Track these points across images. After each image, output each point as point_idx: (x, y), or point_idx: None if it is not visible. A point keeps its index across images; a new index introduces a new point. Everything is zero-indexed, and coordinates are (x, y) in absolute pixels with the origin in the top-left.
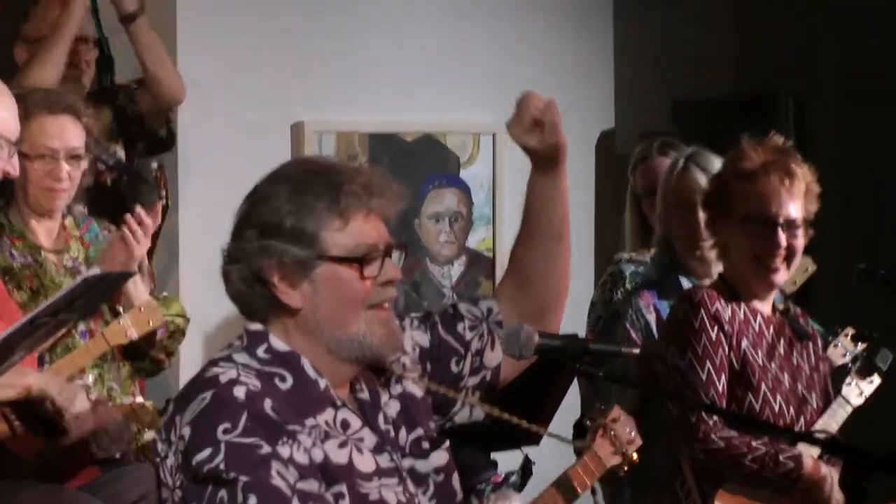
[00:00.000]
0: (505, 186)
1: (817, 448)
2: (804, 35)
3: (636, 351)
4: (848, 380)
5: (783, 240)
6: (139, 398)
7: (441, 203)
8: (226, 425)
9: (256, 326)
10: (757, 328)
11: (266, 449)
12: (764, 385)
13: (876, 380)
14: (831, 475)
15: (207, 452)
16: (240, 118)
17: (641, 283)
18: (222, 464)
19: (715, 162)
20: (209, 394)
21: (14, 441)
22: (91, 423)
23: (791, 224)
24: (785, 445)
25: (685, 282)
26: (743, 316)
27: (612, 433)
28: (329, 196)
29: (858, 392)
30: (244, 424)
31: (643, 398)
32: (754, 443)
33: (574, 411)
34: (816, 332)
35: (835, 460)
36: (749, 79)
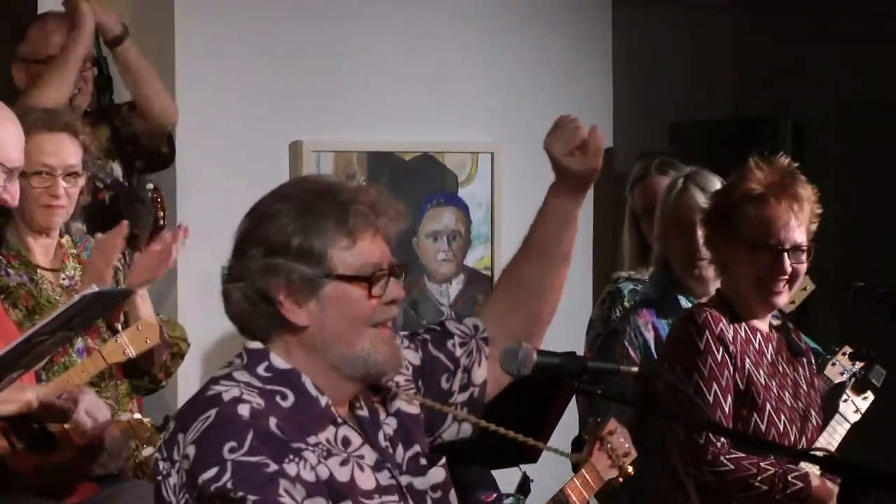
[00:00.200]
0: (503, 205)
1: (817, 466)
2: (802, 57)
3: (634, 369)
4: (844, 396)
5: (788, 267)
6: (137, 415)
7: (439, 221)
8: (232, 444)
9: (256, 345)
10: (757, 346)
11: (273, 467)
12: (769, 405)
13: (870, 396)
14: (835, 493)
15: (213, 471)
16: (238, 137)
17: (640, 302)
18: (229, 483)
19: (714, 182)
20: (213, 412)
21: (13, 457)
22: (106, 414)
23: (797, 249)
24: (791, 465)
25: (683, 301)
26: (744, 335)
27: (609, 446)
28: (337, 215)
29: (854, 409)
30: (250, 443)
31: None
32: (763, 463)
33: (572, 429)
34: (809, 347)
35: (833, 478)
36: (747, 100)
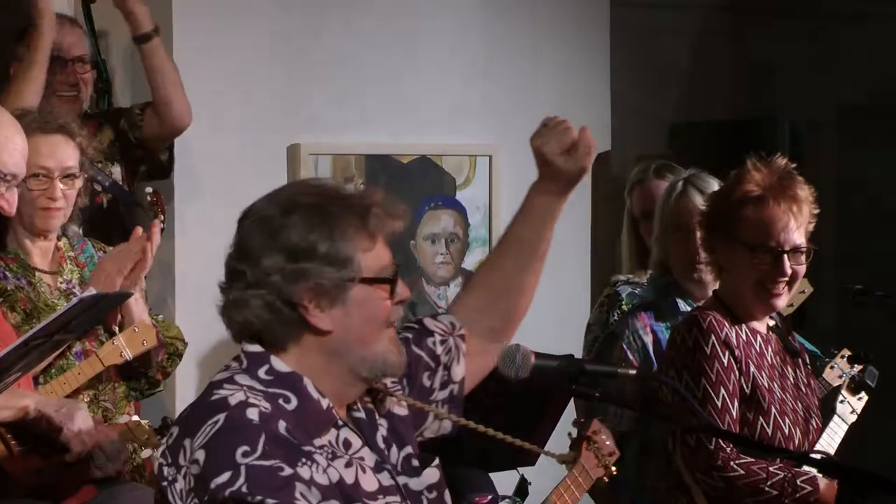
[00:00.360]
0: (501, 208)
1: (815, 469)
2: (800, 59)
3: (632, 372)
4: (840, 397)
5: (788, 268)
6: (135, 417)
7: (437, 224)
8: (244, 448)
9: (255, 348)
10: (758, 349)
11: (288, 471)
12: (774, 408)
13: (864, 396)
14: None
15: (226, 476)
16: (236, 141)
17: (638, 305)
18: (244, 487)
19: (714, 184)
20: (222, 416)
21: (11, 461)
22: (95, 438)
23: (796, 250)
24: (799, 468)
25: (682, 304)
26: (745, 338)
27: (595, 445)
28: (358, 218)
29: (851, 409)
30: (263, 447)
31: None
32: (772, 468)
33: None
34: (804, 348)
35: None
36: (745, 103)
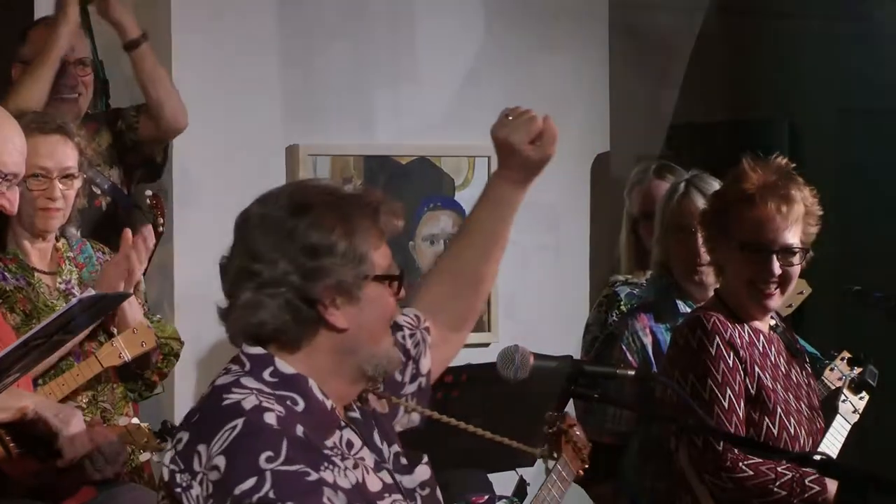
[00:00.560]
0: None
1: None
2: (799, 59)
3: (631, 372)
4: (842, 397)
5: (777, 268)
6: (135, 419)
7: (436, 225)
8: (268, 454)
9: (257, 350)
10: (761, 349)
11: (314, 475)
12: (779, 408)
13: (865, 395)
14: None
15: (252, 482)
16: (234, 142)
17: (638, 306)
18: (271, 492)
19: (715, 186)
20: (240, 421)
21: (9, 462)
22: (87, 445)
23: (787, 250)
24: (807, 469)
25: (682, 305)
26: (749, 338)
27: (572, 439)
28: (371, 217)
29: (853, 409)
30: (286, 452)
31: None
32: (780, 468)
33: None
34: (804, 348)
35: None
36: (744, 103)
